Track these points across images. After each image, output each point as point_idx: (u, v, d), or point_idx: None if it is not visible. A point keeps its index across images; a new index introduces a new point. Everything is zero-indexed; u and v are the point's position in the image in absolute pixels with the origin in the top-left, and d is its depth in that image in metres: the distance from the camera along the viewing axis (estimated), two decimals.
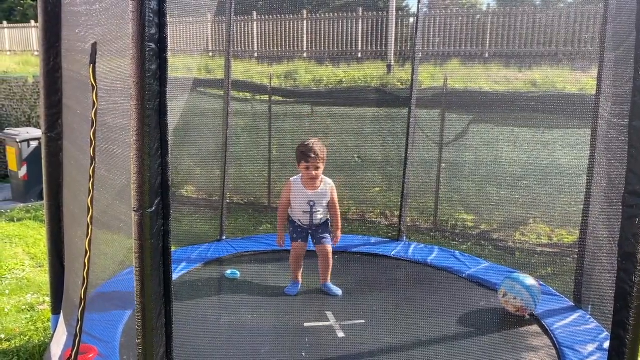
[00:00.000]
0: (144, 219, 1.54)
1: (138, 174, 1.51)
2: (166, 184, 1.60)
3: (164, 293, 1.65)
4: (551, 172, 5.54)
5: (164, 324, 1.67)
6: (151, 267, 1.58)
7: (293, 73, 9.19)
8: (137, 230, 1.55)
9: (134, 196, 1.54)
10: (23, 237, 5.62)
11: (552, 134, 5.53)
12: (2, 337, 3.60)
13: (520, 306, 3.12)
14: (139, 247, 1.56)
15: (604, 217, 2.94)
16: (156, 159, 1.54)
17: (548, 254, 5.35)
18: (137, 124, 1.48)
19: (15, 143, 6.60)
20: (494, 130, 5.78)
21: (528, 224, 5.80)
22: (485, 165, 5.80)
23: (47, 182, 2.73)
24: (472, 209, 5.94)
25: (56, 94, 2.61)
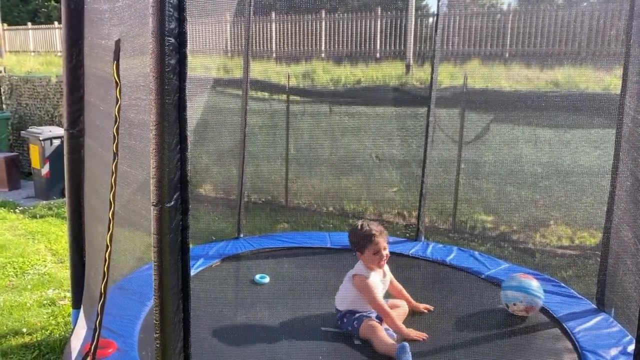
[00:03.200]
0: (163, 214, 1.55)
1: (157, 168, 1.52)
2: (185, 179, 1.60)
3: (182, 288, 1.66)
4: (573, 172, 5.44)
5: (181, 318, 1.67)
6: (169, 261, 1.59)
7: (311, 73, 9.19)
8: (156, 224, 1.56)
9: (153, 191, 1.54)
10: (45, 233, 5.72)
11: (574, 133, 5.43)
12: (24, 331, 3.67)
13: (524, 308, 3.08)
14: (157, 241, 1.56)
15: (629, 217, 2.88)
16: (175, 154, 1.55)
17: (569, 256, 5.26)
18: (157, 118, 1.49)
19: (39, 141, 6.72)
20: (515, 130, 5.70)
21: (549, 226, 5.71)
22: (506, 165, 5.72)
23: (69, 179, 2.77)
24: (491, 210, 5.87)
25: (78, 91, 2.65)
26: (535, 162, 5.68)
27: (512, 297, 3.11)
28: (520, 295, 3.08)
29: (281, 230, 5.61)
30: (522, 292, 3.09)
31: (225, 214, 6.22)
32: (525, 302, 3.07)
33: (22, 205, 6.64)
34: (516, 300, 3.09)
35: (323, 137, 6.71)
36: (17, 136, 7.83)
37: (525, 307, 3.09)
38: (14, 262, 4.92)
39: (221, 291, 3.41)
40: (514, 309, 3.12)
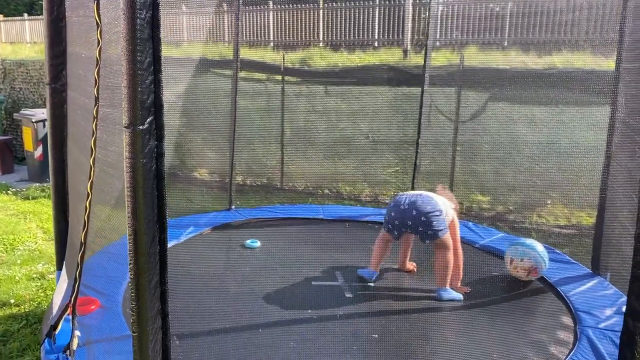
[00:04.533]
0: (135, 136, 1.49)
1: (128, 87, 1.46)
2: (159, 104, 1.54)
3: (157, 218, 1.59)
4: (570, 152, 5.37)
5: (157, 251, 1.61)
6: (143, 188, 1.53)
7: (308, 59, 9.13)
8: (129, 148, 1.50)
9: (125, 112, 1.48)
10: (37, 213, 5.67)
11: (571, 111, 5.37)
12: (12, 302, 3.62)
13: (529, 267, 3.01)
14: (130, 165, 1.50)
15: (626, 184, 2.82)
16: (148, 74, 1.49)
17: (566, 235, 5.19)
18: (128, 34, 1.42)
19: (31, 123, 6.66)
20: (511, 109, 5.63)
21: (545, 206, 5.65)
22: (502, 146, 5.66)
23: (52, 135, 2.71)
24: (487, 191, 5.81)
25: (60, 44, 2.59)
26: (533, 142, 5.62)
27: (521, 252, 3.04)
28: (530, 253, 3.03)
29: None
30: (532, 250, 3.03)
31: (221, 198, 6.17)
32: (532, 260, 3.01)
33: (15, 187, 6.59)
34: (524, 255, 3.02)
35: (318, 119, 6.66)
36: (11, 121, 7.78)
37: (530, 267, 3.01)
38: (4, 239, 4.87)
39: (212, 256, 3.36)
40: (517, 265, 3.04)
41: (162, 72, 1.53)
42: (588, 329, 2.54)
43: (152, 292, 1.61)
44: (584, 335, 2.49)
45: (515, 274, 3.09)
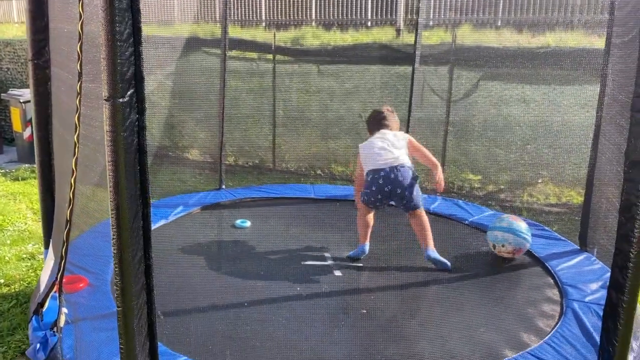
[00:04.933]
0: (116, 109, 1.46)
1: (107, 58, 1.43)
2: (140, 76, 1.51)
3: (140, 193, 1.58)
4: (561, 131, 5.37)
5: (140, 226, 1.60)
6: (125, 162, 1.51)
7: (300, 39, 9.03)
8: (109, 121, 1.47)
9: (104, 85, 1.46)
10: (27, 194, 5.63)
11: (563, 90, 5.35)
12: (2, 282, 3.61)
13: (512, 250, 3.03)
14: (111, 139, 1.48)
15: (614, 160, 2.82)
16: (127, 46, 1.46)
17: (556, 213, 5.22)
18: (105, 3, 1.39)
19: (19, 104, 6.57)
20: (504, 88, 5.61)
21: (536, 185, 5.67)
22: (494, 125, 5.65)
23: (36, 113, 2.67)
24: (479, 170, 5.81)
25: (42, 18, 2.53)
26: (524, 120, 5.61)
27: (501, 239, 3.05)
28: (509, 237, 3.03)
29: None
30: (512, 233, 3.03)
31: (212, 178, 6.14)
32: (513, 244, 3.02)
33: (4, 169, 6.53)
34: (505, 241, 3.04)
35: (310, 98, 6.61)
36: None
37: (513, 249, 3.04)
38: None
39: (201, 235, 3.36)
40: (500, 250, 3.07)
41: (142, 43, 1.50)
42: (574, 302, 2.57)
43: (137, 267, 1.60)
44: (570, 309, 2.51)
45: (501, 255, 3.11)
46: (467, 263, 3.09)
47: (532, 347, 2.23)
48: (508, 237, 3.03)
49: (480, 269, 3.02)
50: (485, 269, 3.02)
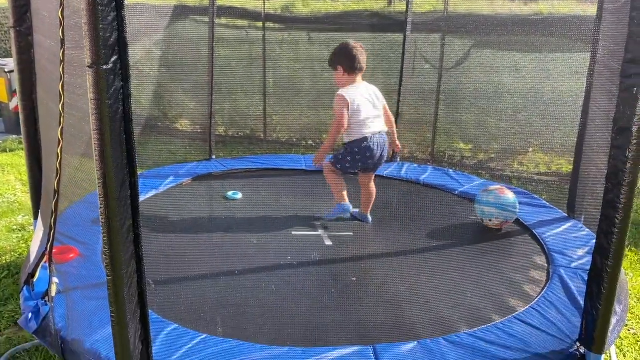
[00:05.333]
0: (99, 76, 1.44)
1: (88, 24, 1.39)
2: (123, 42, 1.48)
3: (127, 162, 1.56)
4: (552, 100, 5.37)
5: (128, 195, 1.59)
6: (111, 130, 1.49)
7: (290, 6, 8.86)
8: (93, 89, 1.45)
9: (87, 51, 1.42)
10: (15, 165, 5.58)
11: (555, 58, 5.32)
12: None
13: (499, 223, 3.07)
14: (96, 107, 1.46)
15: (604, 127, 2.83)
16: (109, 10, 1.42)
17: (545, 182, 5.27)
18: None
19: (4, 73, 6.44)
20: (496, 56, 5.56)
21: (527, 154, 5.69)
22: (485, 94, 5.63)
23: (20, 81, 2.62)
24: (470, 139, 5.82)
25: None
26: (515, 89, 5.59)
27: (488, 214, 3.08)
28: (496, 212, 3.06)
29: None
30: (499, 209, 3.06)
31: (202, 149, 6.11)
32: (501, 218, 3.06)
33: None
34: (491, 216, 3.07)
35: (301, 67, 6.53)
36: None
37: (500, 222, 3.08)
38: None
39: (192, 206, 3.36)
40: (488, 223, 3.11)
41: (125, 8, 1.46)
42: (560, 268, 2.62)
43: (125, 236, 1.60)
44: (557, 275, 2.57)
45: (489, 226, 3.15)
46: (456, 231, 3.12)
47: (518, 312, 2.28)
48: (494, 212, 3.06)
49: (470, 237, 3.06)
50: (474, 237, 3.06)
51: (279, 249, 2.82)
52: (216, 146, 4.53)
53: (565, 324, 2.17)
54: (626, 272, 3.41)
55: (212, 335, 2.04)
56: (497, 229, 3.11)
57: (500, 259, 2.83)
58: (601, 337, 1.97)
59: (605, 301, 1.91)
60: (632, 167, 1.73)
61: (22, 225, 4.13)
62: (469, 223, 3.24)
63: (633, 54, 1.70)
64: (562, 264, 2.65)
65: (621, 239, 1.83)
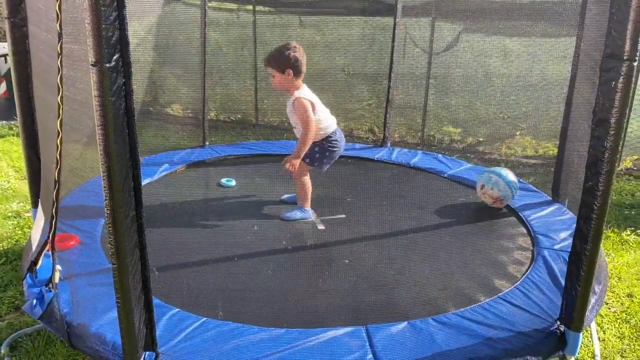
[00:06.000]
0: (103, 74, 1.49)
1: (92, 23, 1.44)
2: (125, 40, 1.53)
3: (130, 155, 1.63)
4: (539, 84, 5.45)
5: (132, 187, 1.66)
6: (114, 126, 1.55)
7: None
8: (97, 86, 1.50)
9: (90, 50, 1.47)
10: (7, 152, 5.58)
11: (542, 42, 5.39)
12: None
13: (497, 197, 3.16)
14: (99, 104, 1.51)
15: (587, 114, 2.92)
16: (111, 10, 1.47)
17: (532, 165, 5.39)
18: None
19: None
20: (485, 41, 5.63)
21: (514, 137, 5.80)
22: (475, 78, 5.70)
23: (16, 72, 2.65)
24: (459, 124, 5.91)
25: None
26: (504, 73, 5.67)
27: (494, 181, 3.17)
28: (501, 185, 3.15)
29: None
30: (505, 183, 3.15)
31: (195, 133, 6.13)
32: (502, 192, 3.15)
33: None
34: (495, 185, 3.15)
35: None
36: None
37: (497, 197, 3.17)
38: None
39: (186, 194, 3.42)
40: (487, 191, 3.18)
41: (126, 7, 1.51)
42: (544, 250, 2.73)
43: (129, 226, 1.67)
44: (540, 256, 2.68)
45: (482, 198, 3.24)
46: (444, 213, 3.23)
47: (503, 292, 2.39)
48: (500, 184, 3.15)
49: (457, 219, 3.16)
50: (461, 219, 3.16)
51: (273, 235, 2.91)
52: (208, 131, 4.57)
53: (547, 304, 2.29)
54: (608, 252, 3.55)
55: (212, 319, 2.13)
56: (490, 202, 3.21)
57: (487, 240, 2.94)
58: (580, 316, 2.09)
59: (584, 282, 2.02)
60: (609, 156, 1.83)
61: (17, 212, 4.16)
62: (457, 205, 3.35)
63: (611, 49, 1.78)
64: (546, 245, 2.77)
65: (599, 224, 1.94)
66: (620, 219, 4.11)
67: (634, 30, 1.76)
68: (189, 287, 2.39)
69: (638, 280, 3.28)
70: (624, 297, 3.11)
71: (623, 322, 2.86)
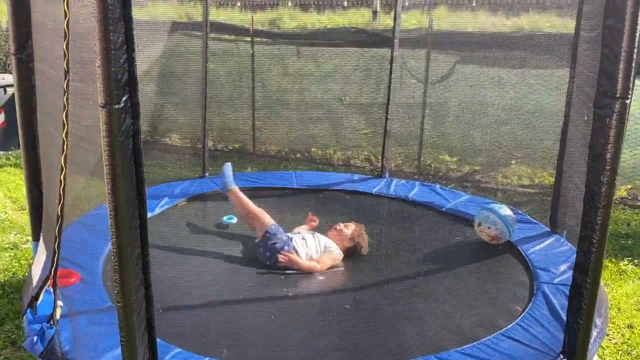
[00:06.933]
0: (112, 116, 1.52)
1: (102, 67, 1.48)
2: (134, 82, 1.57)
3: (137, 194, 1.65)
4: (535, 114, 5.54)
5: (137, 225, 1.67)
6: (122, 165, 1.57)
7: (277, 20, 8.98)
8: (106, 127, 1.53)
9: (100, 92, 1.51)
10: (4, 182, 5.57)
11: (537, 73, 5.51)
12: None
13: (494, 235, 3.18)
14: (108, 144, 1.54)
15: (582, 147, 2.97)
16: (121, 53, 1.51)
17: (528, 194, 5.44)
18: (100, 14, 1.44)
19: None
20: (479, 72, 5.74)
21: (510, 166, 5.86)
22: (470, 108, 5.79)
23: (20, 107, 2.68)
24: (455, 153, 5.98)
25: (24, 12, 2.53)
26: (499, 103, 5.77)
27: (491, 220, 3.17)
28: (499, 224, 3.16)
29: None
30: (503, 222, 3.16)
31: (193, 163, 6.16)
32: (499, 231, 3.17)
33: None
34: (493, 224, 3.16)
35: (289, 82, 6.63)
36: None
37: (494, 235, 3.19)
38: None
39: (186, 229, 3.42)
40: (484, 230, 3.20)
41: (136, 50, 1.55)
42: (544, 284, 2.74)
43: (135, 264, 1.68)
44: (540, 291, 2.69)
45: (480, 235, 3.26)
46: (443, 249, 3.23)
47: (505, 328, 2.39)
48: (497, 223, 3.17)
49: (456, 255, 3.17)
50: (461, 255, 3.17)
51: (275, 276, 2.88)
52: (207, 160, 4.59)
53: (549, 338, 2.29)
54: (606, 283, 3.56)
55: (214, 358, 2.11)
56: (488, 240, 3.22)
57: (487, 276, 2.94)
58: (582, 350, 2.09)
59: (586, 316, 2.03)
60: (607, 190, 1.86)
61: (14, 244, 4.14)
62: (456, 240, 3.36)
63: (604, 87, 1.84)
64: (545, 280, 2.78)
65: (599, 257, 1.96)
66: (617, 248, 4.14)
67: (626, 70, 1.82)
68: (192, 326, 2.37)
69: (638, 311, 3.29)
70: (624, 329, 3.11)
71: (625, 354, 2.86)
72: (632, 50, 1.78)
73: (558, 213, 3.29)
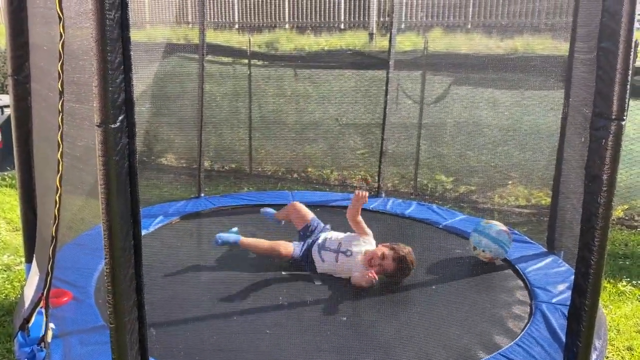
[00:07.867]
0: (108, 135, 1.52)
1: (99, 86, 1.48)
2: (130, 102, 1.57)
3: (131, 213, 1.63)
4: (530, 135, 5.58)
5: (132, 245, 1.66)
6: (117, 185, 1.57)
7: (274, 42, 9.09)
8: (101, 146, 1.53)
9: (96, 111, 1.51)
10: None
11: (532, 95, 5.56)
12: None
13: (489, 257, 3.18)
14: (103, 163, 1.54)
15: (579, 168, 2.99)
16: (118, 73, 1.51)
17: (525, 215, 5.43)
18: (97, 34, 1.45)
19: None
20: (474, 93, 5.79)
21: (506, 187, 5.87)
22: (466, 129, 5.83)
23: (16, 127, 2.68)
24: (451, 173, 5.99)
25: (22, 35, 2.54)
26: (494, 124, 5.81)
27: (484, 245, 3.17)
28: (492, 247, 3.15)
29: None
30: (496, 244, 3.15)
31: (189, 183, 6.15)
32: (493, 253, 3.16)
33: None
34: (487, 249, 3.16)
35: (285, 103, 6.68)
36: None
37: (490, 257, 3.19)
38: None
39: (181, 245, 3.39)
40: (480, 253, 3.20)
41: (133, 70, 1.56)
42: (542, 304, 2.72)
43: (128, 284, 1.66)
44: (539, 310, 2.67)
45: (478, 257, 3.25)
46: (440, 267, 3.22)
47: (503, 348, 2.36)
48: (491, 247, 3.16)
49: (454, 274, 3.15)
50: (458, 274, 3.15)
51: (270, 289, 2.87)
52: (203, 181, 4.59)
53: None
54: (605, 304, 3.53)
55: None
56: (486, 261, 3.22)
57: (485, 295, 2.92)
58: None
59: (585, 338, 2.01)
60: (604, 212, 1.86)
61: (7, 265, 4.09)
62: (453, 259, 3.35)
63: (600, 108, 1.85)
64: (543, 299, 2.76)
65: (597, 279, 1.95)
66: (615, 269, 4.12)
67: (621, 91, 1.84)
68: (185, 346, 2.33)
69: (637, 333, 3.25)
70: (624, 351, 3.08)
71: None
72: (626, 72, 1.80)
73: (555, 234, 3.28)
